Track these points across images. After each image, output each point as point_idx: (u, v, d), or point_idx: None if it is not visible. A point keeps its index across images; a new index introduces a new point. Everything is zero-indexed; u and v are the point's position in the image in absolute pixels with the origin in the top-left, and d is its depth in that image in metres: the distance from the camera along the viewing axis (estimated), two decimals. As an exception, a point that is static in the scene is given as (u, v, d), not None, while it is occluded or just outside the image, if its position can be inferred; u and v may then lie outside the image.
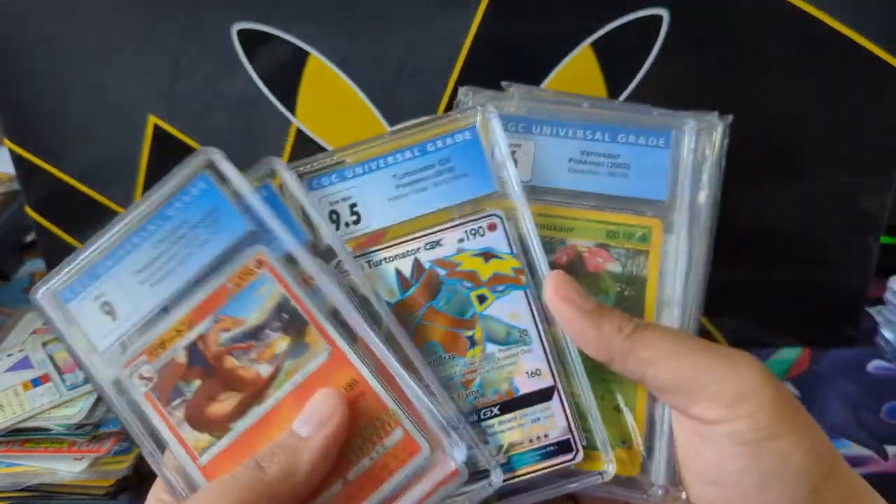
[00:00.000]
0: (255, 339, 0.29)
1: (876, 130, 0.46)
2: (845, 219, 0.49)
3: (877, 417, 0.48)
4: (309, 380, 0.28)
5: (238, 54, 0.45)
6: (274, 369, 0.29)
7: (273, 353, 0.29)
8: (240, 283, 0.29)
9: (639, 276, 0.32)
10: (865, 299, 0.52)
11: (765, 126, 0.46)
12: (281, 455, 0.26)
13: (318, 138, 0.48)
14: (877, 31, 0.43)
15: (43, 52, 0.46)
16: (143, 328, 0.29)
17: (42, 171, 0.50)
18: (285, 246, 0.29)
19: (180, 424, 0.28)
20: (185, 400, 0.29)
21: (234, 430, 0.28)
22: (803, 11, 0.43)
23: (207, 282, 0.29)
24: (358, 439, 0.28)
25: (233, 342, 0.29)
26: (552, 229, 0.32)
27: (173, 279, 0.29)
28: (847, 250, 0.50)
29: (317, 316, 0.29)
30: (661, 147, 0.32)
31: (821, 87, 0.45)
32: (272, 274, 0.29)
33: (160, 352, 0.29)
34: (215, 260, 0.29)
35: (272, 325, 0.29)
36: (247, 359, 0.29)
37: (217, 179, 0.30)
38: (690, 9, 0.43)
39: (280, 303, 0.29)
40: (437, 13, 0.44)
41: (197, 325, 0.29)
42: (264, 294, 0.29)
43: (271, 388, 0.28)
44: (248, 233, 0.29)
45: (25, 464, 0.42)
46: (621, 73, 0.45)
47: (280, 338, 0.29)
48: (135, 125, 0.48)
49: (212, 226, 0.30)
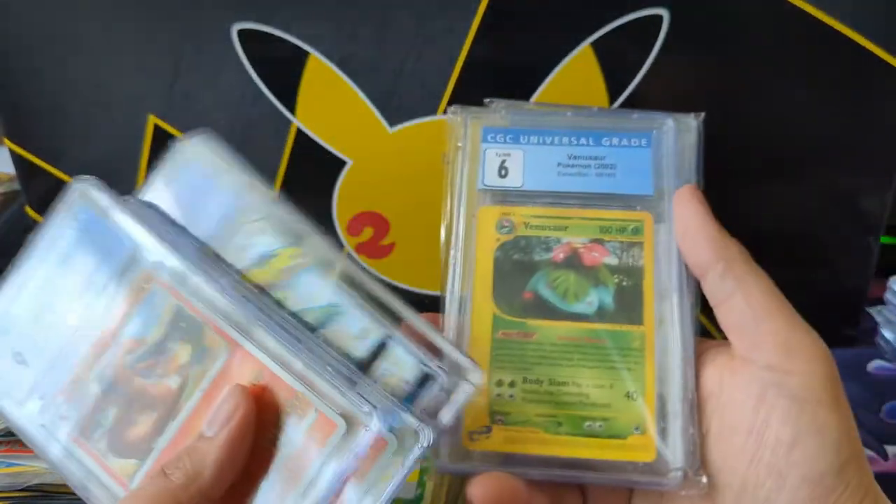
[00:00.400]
0: (160, 355, 0.29)
1: (876, 130, 0.46)
2: (845, 219, 0.49)
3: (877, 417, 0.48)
4: (216, 382, 0.28)
5: (238, 54, 0.45)
6: (182, 380, 0.28)
7: (178, 363, 0.29)
8: (134, 302, 0.29)
9: (635, 266, 0.33)
10: (865, 299, 0.52)
11: (765, 126, 0.46)
12: (186, 459, 0.26)
13: (318, 138, 0.48)
14: (877, 31, 0.43)
15: (43, 52, 0.46)
16: (53, 368, 0.29)
17: (42, 171, 0.50)
18: (171, 257, 0.29)
19: (105, 455, 0.28)
20: (106, 430, 0.28)
21: (157, 448, 0.28)
22: (803, 11, 0.43)
23: (103, 308, 0.29)
24: (275, 430, 0.27)
25: (138, 362, 0.29)
26: (547, 229, 0.34)
27: (70, 313, 0.29)
28: (847, 250, 0.50)
29: (211, 318, 0.28)
30: (643, 146, 0.35)
31: (821, 87, 0.45)
32: (163, 287, 0.29)
33: (74, 389, 0.29)
34: (107, 284, 0.29)
35: (172, 337, 0.29)
36: (155, 375, 0.29)
37: (94, 208, 0.30)
38: (690, 9, 0.43)
39: (175, 313, 0.29)
40: (437, 13, 0.44)
41: (102, 353, 0.29)
42: (159, 308, 0.29)
43: (182, 398, 0.28)
44: (133, 253, 0.29)
45: (25, 464, 0.42)
46: (621, 73, 0.45)
47: (182, 347, 0.29)
48: (135, 125, 0.48)
49: (98, 253, 0.30)
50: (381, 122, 0.47)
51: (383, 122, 0.47)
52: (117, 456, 0.28)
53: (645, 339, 0.32)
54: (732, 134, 0.46)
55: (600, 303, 0.33)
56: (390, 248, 0.51)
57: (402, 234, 0.50)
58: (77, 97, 0.47)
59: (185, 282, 0.29)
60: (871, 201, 0.48)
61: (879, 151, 0.47)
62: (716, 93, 0.45)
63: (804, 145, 0.47)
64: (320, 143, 0.48)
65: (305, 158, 0.48)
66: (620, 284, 0.33)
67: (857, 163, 0.47)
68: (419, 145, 0.47)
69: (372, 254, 0.51)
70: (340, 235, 0.51)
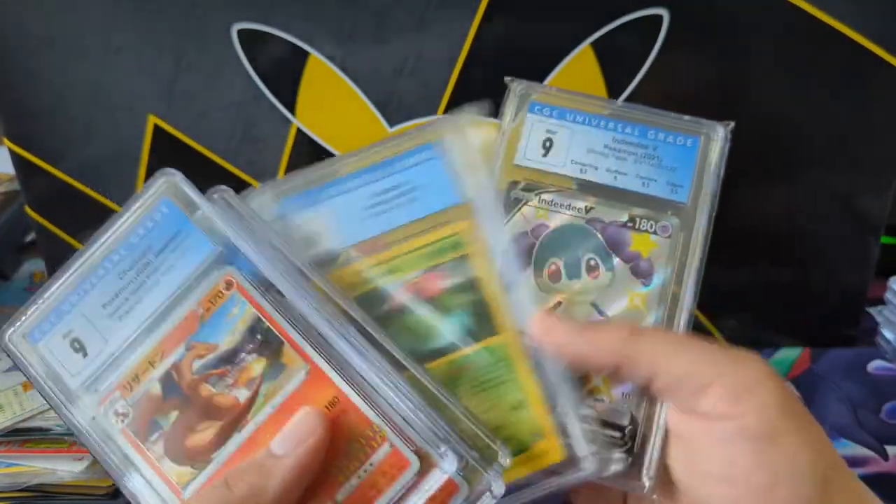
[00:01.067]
0: (230, 364, 0.28)
1: (876, 130, 0.46)
2: (845, 219, 0.49)
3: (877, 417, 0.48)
4: (289, 401, 0.27)
5: (238, 54, 0.45)
6: (252, 393, 0.28)
7: (250, 376, 0.28)
8: (210, 308, 0.28)
9: (470, 279, 0.31)
10: (865, 299, 0.52)
11: (765, 126, 0.46)
12: (251, 473, 0.26)
13: (318, 138, 0.48)
14: (877, 31, 0.43)
15: (43, 52, 0.46)
16: (115, 362, 0.28)
17: (42, 171, 0.50)
18: (255, 265, 0.28)
19: (160, 459, 0.28)
20: (164, 433, 0.28)
21: (216, 459, 0.27)
22: (803, 11, 0.43)
23: (177, 309, 0.28)
24: (344, 459, 0.27)
25: (207, 369, 0.28)
26: (384, 277, 0.32)
27: (142, 309, 0.29)
28: (847, 250, 0.50)
29: (291, 334, 0.28)
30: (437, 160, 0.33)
31: (821, 88, 0.45)
32: (242, 295, 0.28)
33: (134, 386, 0.28)
34: (183, 285, 0.28)
35: (246, 348, 0.28)
36: (223, 385, 0.28)
37: (179, 202, 0.29)
38: (690, 9, 0.43)
39: (253, 324, 0.28)
40: (438, 13, 0.44)
41: (169, 354, 0.28)
42: (236, 316, 0.28)
43: (250, 413, 0.27)
44: (215, 254, 0.29)
45: (25, 464, 0.42)
46: (621, 73, 0.45)
47: (256, 360, 0.28)
48: (135, 125, 0.48)
49: (177, 250, 0.29)
50: (381, 122, 0.47)
51: (383, 122, 0.47)
52: (173, 461, 0.27)
53: (507, 345, 0.30)
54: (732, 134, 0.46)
55: (462, 327, 0.31)
56: (390, 248, 0.51)
57: (402, 234, 0.50)
58: (77, 97, 0.47)
59: (267, 292, 0.28)
60: (871, 201, 0.48)
61: (879, 151, 0.47)
62: (715, 93, 0.45)
63: (804, 145, 0.47)
64: (320, 143, 0.48)
65: (305, 158, 0.48)
66: (469, 302, 0.31)
67: (857, 163, 0.47)
68: (419, 145, 0.47)
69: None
70: (340, 235, 0.51)
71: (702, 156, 0.33)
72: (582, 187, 0.33)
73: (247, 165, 0.48)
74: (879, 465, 0.45)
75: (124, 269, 0.29)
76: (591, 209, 0.33)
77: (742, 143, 0.44)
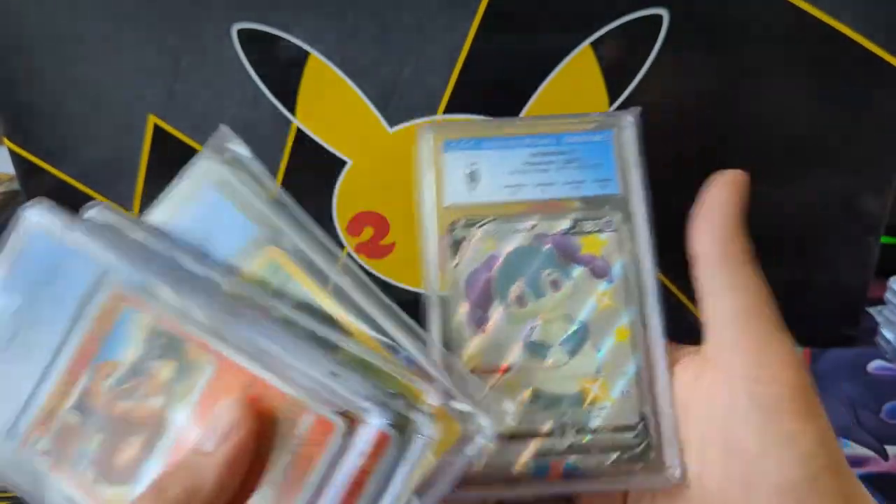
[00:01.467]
0: (139, 375, 0.28)
1: (876, 130, 0.46)
2: (845, 219, 0.49)
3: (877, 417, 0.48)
4: (204, 396, 0.27)
5: (238, 54, 0.45)
6: (166, 398, 0.27)
7: (160, 382, 0.27)
8: (105, 326, 0.28)
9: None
10: (865, 299, 0.52)
11: (764, 126, 0.46)
12: (182, 475, 0.25)
13: (318, 138, 0.48)
14: (876, 31, 0.43)
15: (43, 52, 0.46)
16: (27, 404, 0.28)
17: (42, 171, 0.50)
18: (138, 273, 0.28)
19: (95, 485, 0.27)
20: (92, 460, 0.27)
21: (146, 470, 0.27)
22: (803, 11, 0.43)
23: (73, 336, 0.28)
24: (273, 439, 0.26)
25: (119, 385, 0.28)
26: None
27: (40, 345, 0.28)
28: (847, 250, 0.50)
29: (190, 331, 0.27)
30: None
31: (821, 87, 0.45)
32: (133, 305, 0.28)
33: (50, 421, 0.28)
34: (74, 312, 0.28)
35: (151, 355, 0.28)
36: (136, 397, 0.27)
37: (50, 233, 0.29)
38: (690, 9, 0.43)
39: (150, 331, 0.28)
40: (438, 13, 0.44)
41: (77, 382, 0.28)
42: (132, 328, 0.28)
43: (168, 417, 0.27)
44: (97, 273, 0.28)
45: (25, 464, 0.42)
46: (621, 74, 0.45)
47: (163, 365, 0.27)
48: (135, 125, 0.48)
49: (61, 279, 0.29)
50: (381, 122, 0.47)
51: (383, 122, 0.47)
52: (107, 484, 0.27)
53: None
54: (732, 134, 0.46)
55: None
56: (390, 248, 0.51)
57: (402, 234, 0.50)
58: (77, 97, 0.47)
59: (155, 297, 0.28)
60: (871, 201, 0.48)
61: (879, 151, 0.47)
62: (716, 93, 0.45)
63: (804, 145, 0.47)
64: (320, 143, 0.48)
65: (305, 158, 0.48)
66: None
67: (857, 163, 0.47)
68: (419, 145, 0.47)
69: (372, 254, 0.51)
70: (340, 235, 0.51)
71: (617, 145, 0.34)
72: (518, 208, 0.34)
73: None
74: (879, 465, 0.45)
75: (12, 311, 0.29)
76: (534, 226, 0.34)
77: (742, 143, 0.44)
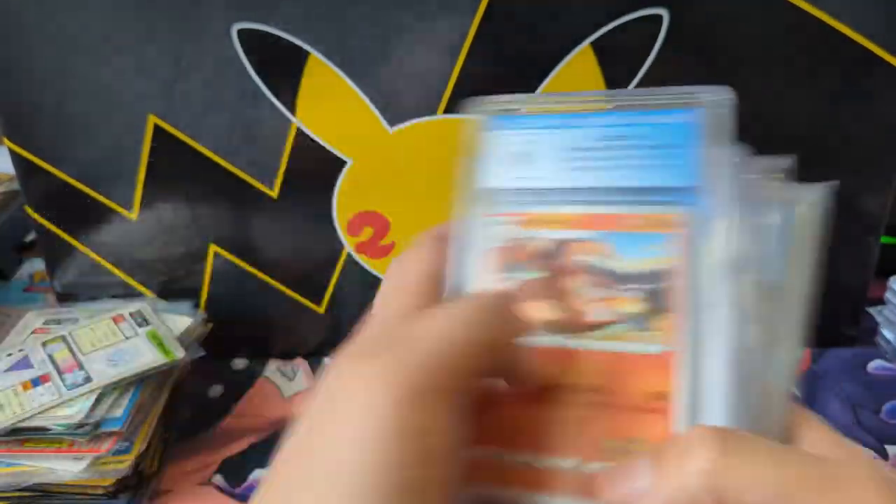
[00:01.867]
0: (612, 281, 0.25)
1: (876, 130, 0.46)
2: (845, 219, 0.49)
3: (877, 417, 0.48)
4: (622, 360, 0.24)
5: (238, 54, 0.45)
6: (602, 320, 0.24)
7: (617, 306, 0.25)
8: (644, 227, 0.25)
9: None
10: (865, 299, 0.52)
11: (764, 126, 0.46)
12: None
13: (318, 138, 0.48)
14: (877, 31, 0.43)
15: (43, 52, 0.46)
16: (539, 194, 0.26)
17: (42, 171, 0.50)
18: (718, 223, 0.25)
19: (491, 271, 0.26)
20: (510, 278, 0.25)
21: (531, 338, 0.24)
22: (803, 11, 0.43)
23: (622, 202, 0.26)
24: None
25: (590, 269, 0.25)
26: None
27: (597, 176, 0.26)
28: (847, 250, 0.50)
29: (686, 312, 0.24)
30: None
31: (820, 87, 0.45)
32: (679, 243, 0.25)
33: (530, 227, 0.26)
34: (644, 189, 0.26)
35: (638, 283, 0.25)
36: (588, 290, 0.25)
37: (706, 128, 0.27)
38: (690, 9, 0.43)
39: (660, 271, 0.25)
40: (437, 13, 0.44)
41: (580, 230, 0.26)
42: (654, 252, 0.25)
43: (585, 333, 0.25)
44: (691, 187, 0.26)
45: (25, 463, 0.42)
46: (621, 73, 0.45)
47: (634, 300, 0.25)
48: (135, 125, 0.48)
49: (663, 158, 0.26)
50: (381, 122, 0.47)
51: (383, 122, 0.47)
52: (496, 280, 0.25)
53: None
54: (732, 134, 0.46)
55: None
56: (390, 247, 0.51)
57: (402, 234, 0.50)
58: (77, 97, 0.47)
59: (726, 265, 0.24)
60: (871, 201, 0.48)
61: (879, 151, 0.47)
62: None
63: (804, 145, 0.47)
64: (320, 143, 0.48)
65: (305, 158, 0.48)
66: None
67: (857, 163, 0.47)
68: (419, 145, 0.47)
69: (372, 253, 0.51)
70: (340, 235, 0.51)
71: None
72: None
73: (247, 165, 0.48)
74: (879, 465, 0.45)
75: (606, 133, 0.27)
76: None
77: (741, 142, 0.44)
